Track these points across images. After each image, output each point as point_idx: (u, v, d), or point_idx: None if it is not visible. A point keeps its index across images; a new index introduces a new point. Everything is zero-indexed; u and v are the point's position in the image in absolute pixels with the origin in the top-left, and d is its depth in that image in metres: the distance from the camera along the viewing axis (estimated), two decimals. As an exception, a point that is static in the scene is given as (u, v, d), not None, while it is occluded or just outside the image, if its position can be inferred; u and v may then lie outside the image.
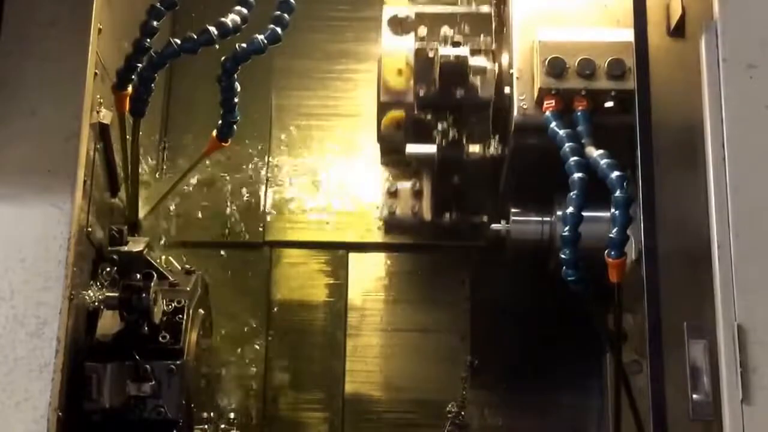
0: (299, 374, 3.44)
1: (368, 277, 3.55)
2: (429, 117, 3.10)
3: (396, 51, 3.15)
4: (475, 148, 3.10)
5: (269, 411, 3.40)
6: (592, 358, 3.33)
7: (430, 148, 3.12)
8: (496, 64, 3.08)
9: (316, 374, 3.45)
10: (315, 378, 3.44)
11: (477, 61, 3.05)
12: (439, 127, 3.10)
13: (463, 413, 3.37)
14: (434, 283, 3.53)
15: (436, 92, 3.07)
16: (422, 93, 3.09)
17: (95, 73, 2.55)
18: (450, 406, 3.37)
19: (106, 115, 2.71)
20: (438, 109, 3.10)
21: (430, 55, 3.10)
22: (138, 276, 2.68)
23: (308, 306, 3.51)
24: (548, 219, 3.09)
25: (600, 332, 2.88)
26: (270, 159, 3.60)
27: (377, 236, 3.54)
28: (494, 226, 3.18)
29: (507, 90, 2.96)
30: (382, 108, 3.16)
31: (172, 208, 3.49)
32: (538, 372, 3.39)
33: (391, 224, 3.30)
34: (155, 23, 2.79)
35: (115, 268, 2.78)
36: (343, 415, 3.41)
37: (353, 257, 3.55)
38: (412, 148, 3.13)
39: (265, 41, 2.87)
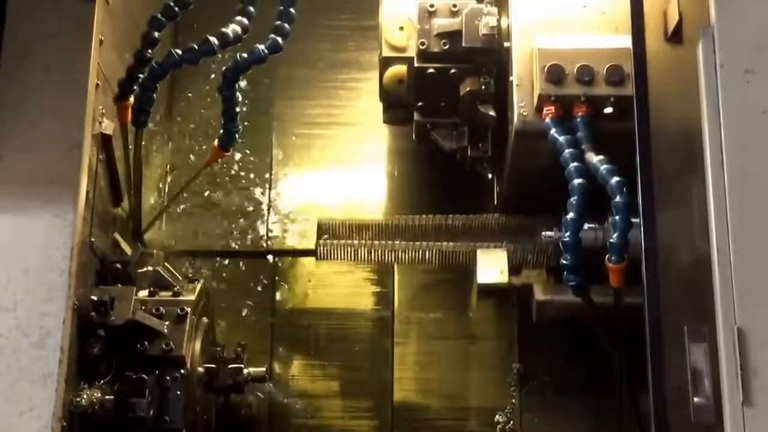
0: (348, 383, 3.42)
1: (413, 285, 3.51)
2: (431, 71, 3.12)
3: (397, 6, 3.19)
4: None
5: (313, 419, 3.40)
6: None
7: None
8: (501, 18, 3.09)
9: (365, 383, 3.42)
10: (364, 386, 3.43)
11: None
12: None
13: (512, 420, 3.35)
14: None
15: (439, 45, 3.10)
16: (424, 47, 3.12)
17: (97, 84, 2.57)
18: (499, 415, 3.34)
19: (108, 126, 2.73)
20: (441, 61, 3.12)
21: (431, 8, 3.12)
22: None
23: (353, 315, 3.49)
24: (600, 225, 3.00)
25: (609, 351, 2.86)
26: (273, 166, 3.61)
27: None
28: (546, 233, 3.14)
29: (507, 44, 2.97)
30: (384, 64, 3.19)
31: (175, 217, 3.50)
32: (588, 377, 3.30)
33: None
34: (156, 34, 2.80)
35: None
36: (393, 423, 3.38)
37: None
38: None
39: (266, 51, 2.89)
